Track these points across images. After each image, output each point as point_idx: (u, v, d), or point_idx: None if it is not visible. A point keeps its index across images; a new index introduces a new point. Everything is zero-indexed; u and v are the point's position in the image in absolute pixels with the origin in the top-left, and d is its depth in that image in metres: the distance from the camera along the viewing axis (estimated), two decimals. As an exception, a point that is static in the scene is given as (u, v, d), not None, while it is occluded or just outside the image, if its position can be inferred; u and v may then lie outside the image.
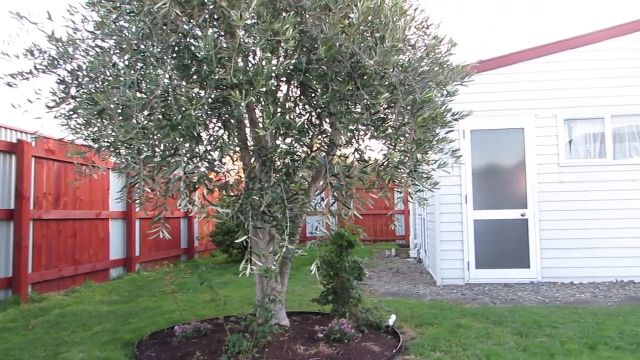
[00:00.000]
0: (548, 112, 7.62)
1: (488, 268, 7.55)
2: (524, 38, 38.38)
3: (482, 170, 7.71)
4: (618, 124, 7.59)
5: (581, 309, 5.59)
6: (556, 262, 7.45)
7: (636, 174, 7.44)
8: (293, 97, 4.41)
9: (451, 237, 7.62)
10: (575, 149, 7.70)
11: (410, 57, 4.01)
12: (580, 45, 7.68)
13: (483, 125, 7.66)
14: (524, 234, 7.52)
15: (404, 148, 4.00)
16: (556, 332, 4.61)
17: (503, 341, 4.39)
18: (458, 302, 6.16)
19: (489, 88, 7.68)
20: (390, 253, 11.90)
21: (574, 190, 7.51)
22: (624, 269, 7.34)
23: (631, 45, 7.58)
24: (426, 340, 4.40)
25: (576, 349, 4.13)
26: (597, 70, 7.61)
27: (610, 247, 7.38)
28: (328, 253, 4.85)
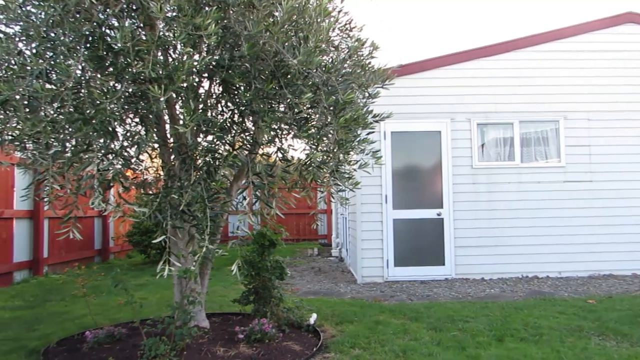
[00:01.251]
0: (463, 116, 8.00)
1: (406, 266, 7.81)
2: (444, 45, 40.13)
3: (401, 171, 7.96)
4: (526, 130, 8.11)
5: (491, 303, 5.91)
6: (469, 259, 7.84)
7: (541, 177, 7.99)
8: (215, 94, 4.32)
9: (371, 236, 7.80)
10: (488, 152, 8.15)
11: (333, 58, 4.06)
12: (492, 54, 8.13)
13: (403, 127, 7.91)
14: (440, 233, 7.85)
15: (327, 148, 4.04)
16: (468, 326, 4.85)
17: (419, 336, 4.55)
18: (377, 300, 6.31)
19: (409, 92, 7.94)
20: (312, 252, 11.99)
21: (485, 191, 7.94)
22: (529, 265, 7.86)
23: (536, 56, 8.12)
24: (346, 338, 4.48)
25: (485, 342, 4.36)
26: (507, 79, 8.09)
27: (517, 245, 7.87)
28: (250, 253, 4.80)
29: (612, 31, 8.22)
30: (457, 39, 35.90)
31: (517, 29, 39.46)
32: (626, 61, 8.14)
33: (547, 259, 7.87)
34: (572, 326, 4.80)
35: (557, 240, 7.89)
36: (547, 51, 8.15)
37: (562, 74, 8.10)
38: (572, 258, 7.88)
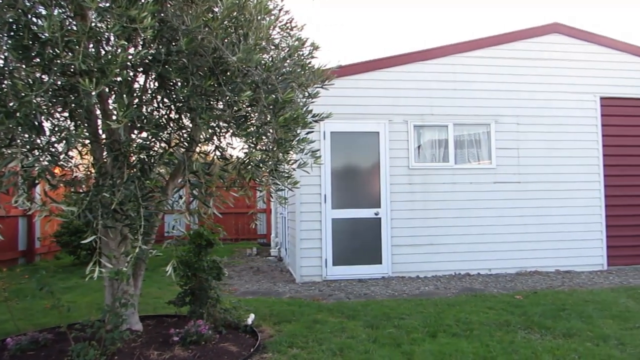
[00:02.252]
0: (401, 118, 8.19)
1: (345, 265, 7.89)
2: (383, 48, 40.91)
3: (340, 170, 8.04)
4: (460, 132, 8.41)
5: (425, 300, 6.08)
6: (405, 257, 8.03)
7: (473, 178, 8.31)
8: (151, 89, 4.19)
9: (310, 235, 7.83)
10: (424, 153, 8.38)
11: (273, 56, 4.04)
12: (429, 58, 8.38)
13: (343, 127, 7.99)
14: (377, 232, 7.99)
15: (266, 147, 4.02)
16: (403, 323, 4.96)
17: (356, 334, 4.61)
18: (315, 299, 6.34)
19: (348, 92, 8.03)
20: (251, 252, 11.88)
21: (421, 191, 8.16)
22: (462, 263, 8.16)
23: (470, 61, 8.44)
24: (284, 338, 4.47)
25: (420, 338, 4.49)
26: (443, 82, 8.36)
27: (450, 244, 8.15)
28: (186, 253, 4.69)
29: (540, 40, 8.67)
30: (396, 43, 36.69)
31: (452, 34, 40.87)
32: (552, 69, 8.61)
33: (478, 256, 8.19)
34: (501, 321, 5.02)
35: (488, 239, 8.23)
36: (481, 57, 8.49)
37: (494, 79, 8.46)
38: (502, 256, 8.25)
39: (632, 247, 8.65)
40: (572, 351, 4.10)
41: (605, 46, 8.82)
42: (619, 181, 8.66)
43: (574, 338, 4.46)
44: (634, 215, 8.70)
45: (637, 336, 4.48)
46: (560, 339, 4.44)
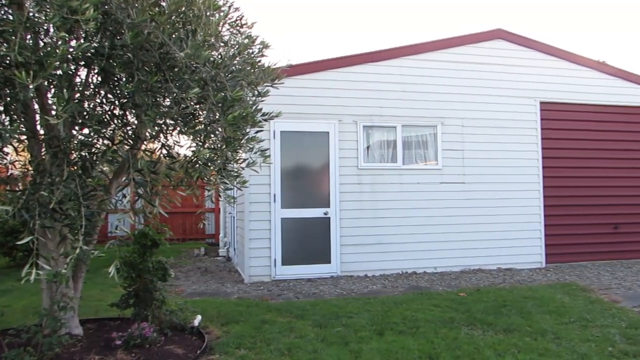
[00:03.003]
0: (350, 118, 8.26)
1: (294, 264, 7.88)
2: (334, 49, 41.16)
3: (290, 170, 8.03)
4: (408, 133, 8.57)
5: (373, 299, 6.16)
6: (354, 257, 8.11)
7: (420, 178, 8.49)
8: (93, 84, 4.03)
9: (259, 235, 7.77)
10: (373, 153, 8.48)
11: (222, 54, 3.97)
12: (379, 60, 8.49)
13: (293, 127, 7.98)
14: (326, 232, 8.03)
15: (214, 146, 3.95)
16: (351, 322, 5.00)
17: (304, 333, 4.61)
18: (264, 299, 6.30)
19: (299, 92, 8.03)
20: (199, 252, 11.68)
21: (369, 191, 8.26)
22: (408, 262, 8.32)
23: (419, 64, 8.62)
24: (231, 339, 4.41)
25: (367, 336, 4.54)
26: (392, 84, 8.49)
27: (398, 243, 8.29)
28: (130, 254, 4.54)
29: (484, 45, 8.97)
30: (346, 45, 37.01)
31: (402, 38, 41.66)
32: (495, 73, 8.92)
33: (424, 255, 8.38)
34: (445, 318, 5.15)
35: (434, 238, 8.44)
36: (428, 60, 8.69)
37: (441, 82, 8.67)
38: (447, 254, 8.47)
39: (568, 245, 9.08)
40: (512, 346, 4.25)
41: (545, 53, 9.22)
42: (556, 183, 9.08)
43: (514, 333, 4.63)
44: (569, 215, 9.15)
45: (572, 330, 4.70)
46: (501, 335, 4.60)
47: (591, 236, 9.24)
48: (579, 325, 4.89)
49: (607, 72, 9.53)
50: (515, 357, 3.99)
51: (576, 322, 4.97)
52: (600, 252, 9.25)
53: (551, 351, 4.13)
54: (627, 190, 9.46)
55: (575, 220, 9.18)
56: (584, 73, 9.37)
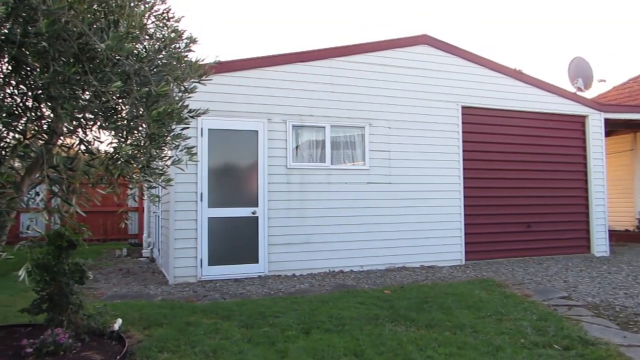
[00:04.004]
0: (280, 117, 8.24)
1: (221, 264, 7.75)
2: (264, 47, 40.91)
3: (218, 168, 7.89)
4: (336, 134, 8.68)
5: (300, 298, 6.18)
6: (282, 256, 8.10)
7: (348, 178, 8.62)
8: (3, 73, 3.74)
9: (185, 234, 7.58)
10: (302, 153, 8.52)
11: (147, 47, 3.82)
12: (310, 60, 8.53)
13: (221, 125, 7.85)
14: (254, 231, 7.97)
15: (137, 142, 3.80)
16: (278, 321, 4.99)
17: (231, 335, 4.54)
18: (189, 300, 6.15)
19: (228, 89, 7.91)
20: (121, 253, 11.21)
21: (298, 190, 8.28)
22: (336, 260, 8.42)
23: (348, 66, 8.75)
24: (154, 342, 4.27)
25: (294, 335, 4.55)
26: (322, 84, 8.57)
27: (326, 242, 8.38)
28: (44, 255, 4.27)
29: (411, 50, 9.25)
30: (276, 44, 36.92)
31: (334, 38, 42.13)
32: (420, 77, 9.24)
33: (351, 254, 8.52)
34: (371, 315, 5.26)
35: (361, 237, 8.60)
36: (358, 62, 8.84)
37: (369, 84, 8.86)
38: (373, 253, 8.66)
39: (485, 243, 9.57)
40: (433, 340, 4.42)
41: (467, 59, 9.66)
42: (475, 184, 9.54)
43: (435, 328, 4.81)
44: (487, 215, 9.64)
45: (488, 324, 4.95)
46: (423, 330, 4.76)
47: (506, 234, 9.79)
48: (495, 319, 5.16)
49: (523, 80, 10.13)
50: (436, 351, 4.14)
51: (492, 316, 5.24)
52: (515, 250, 9.83)
53: (469, 344, 4.33)
54: (539, 192, 10.11)
55: (492, 220, 9.69)
56: (502, 80, 9.91)
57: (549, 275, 7.91)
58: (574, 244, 10.41)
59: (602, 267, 8.75)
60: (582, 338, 4.48)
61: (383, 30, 39.80)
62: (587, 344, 4.33)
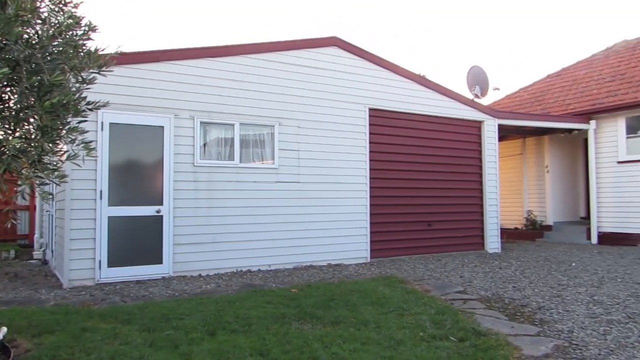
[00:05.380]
0: (187, 113, 8.00)
1: (122, 266, 7.38)
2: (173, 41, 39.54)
3: (120, 165, 7.50)
4: (245, 132, 8.58)
5: (206, 299, 6.04)
6: (188, 256, 7.87)
7: (257, 177, 8.56)
8: None
9: (82, 234, 7.12)
10: (209, 151, 8.33)
11: (40, 32, 3.55)
12: (220, 55, 8.36)
13: (124, 119, 7.47)
14: (159, 230, 7.67)
15: (27, 135, 3.51)
16: (183, 324, 4.84)
17: (131, 339, 4.33)
18: (86, 305, 5.79)
19: (133, 82, 7.55)
20: (8, 255, 10.32)
21: (205, 189, 8.09)
22: (244, 260, 8.33)
23: (259, 63, 8.68)
24: (45, 351, 3.97)
25: (199, 337, 4.43)
26: (232, 81, 8.43)
27: (233, 241, 8.26)
28: None
29: (321, 51, 9.37)
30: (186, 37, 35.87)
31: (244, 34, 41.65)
32: (330, 78, 9.38)
33: (259, 253, 8.47)
34: (277, 314, 5.26)
35: (269, 236, 8.58)
36: (268, 60, 8.80)
37: (280, 83, 8.85)
38: (281, 252, 8.67)
39: (389, 241, 9.93)
40: (338, 337, 4.50)
41: (374, 63, 9.96)
42: (381, 184, 9.87)
43: (341, 325, 4.90)
44: (391, 214, 10.01)
45: (391, 319, 5.13)
46: (329, 327, 4.84)
47: (409, 233, 10.22)
48: (397, 314, 5.36)
49: (427, 85, 10.63)
50: (341, 347, 4.22)
51: (394, 312, 5.44)
52: (416, 247, 10.29)
53: (372, 339, 4.46)
54: (439, 192, 10.66)
55: (396, 219, 10.07)
56: (407, 85, 10.32)
57: (447, 271, 8.37)
58: (470, 242, 11.10)
59: (494, 262, 9.40)
60: (475, 329, 4.78)
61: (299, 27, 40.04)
62: (480, 335, 4.62)
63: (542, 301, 6.10)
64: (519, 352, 4.22)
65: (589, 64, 15.97)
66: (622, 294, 6.45)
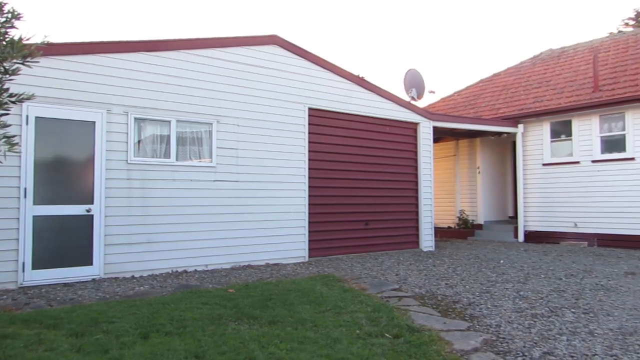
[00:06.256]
0: (121, 109, 7.71)
1: (48, 268, 7.01)
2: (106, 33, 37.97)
3: (48, 162, 7.12)
4: (182, 129, 8.38)
5: (139, 300, 5.84)
6: (120, 257, 7.58)
7: (194, 175, 8.37)
8: None
9: (4, 235, 6.70)
10: (144, 148, 8.06)
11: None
12: (156, 50, 8.11)
13: (53, 113, 7.10)
14: (89, 230, 7.34)
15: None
16: (113, 327, 4.66)
17: (57, 345, 4.12)
18: (7, 309, 5.46)
19: (62, 74, 7.19)
20: None
21: (140, 187, 7.83)
22: (179, 260, 8.13)
23: (197, 60, 8.50)
24: (-41, 360, 3.70)
25: (130, 341, 4.28)
26: (169, 77, 8.20)
27: (169, 241, 8.04)
28: None
29: (261, 49, 9.30)
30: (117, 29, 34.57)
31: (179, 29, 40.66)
32: (270, 77, 9.34)
33: (196, 253, 8.30)
34: (214, 315, 5.17)
35: (206, 236, 8.42)
36: (208, 57, 8.63)
37: (218, 80, 8.71)
38: (219, 252, 8.54)
39: (328, 240, 10.01)
40: (275, 337, 4.48)
41: (314, 63, 10.00)
42: (319, 183, 9.93)
43: (278, 324, 4.89)
44: (329, 213, 10.09)
45: (328, 318, 5.17)
46: (266, 327, 4.81)
47: (347, 232, 10.35)
48: (334, 312, 5.41)
49: (365, 86, 10.79)
50: (278, 347, 4.21)
51: (332, 310, 5.49)
52: (354, 246, 10.43)
53: (309, 338, 4.47)
54: (376, 192, 10.86)
55: (334, 218, 10.17)
56: (347, 85, 10.44)
57: (384, 269, 8.54)
58: (405, 240, 11.38)
59: (428, 260, 9.69)
60: (409, 326, 4.90)
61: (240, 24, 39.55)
62: (414, 331, 4.75)
63: (472, 297, 6.35)
64: (450, 347, 4.37)
65: (517, 70, 16.79)
66: (546, 289, 6.82)
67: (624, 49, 14.29)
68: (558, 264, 9.08)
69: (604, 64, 13.66)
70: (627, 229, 11.70)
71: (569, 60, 15.53)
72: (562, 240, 12.84)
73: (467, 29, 53.46)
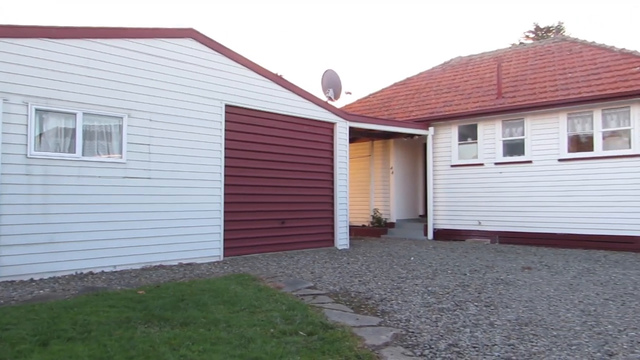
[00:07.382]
0: (20, 98, 7.15)
1: None
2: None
3: None
4: (90, 122, 7.92)
5: (38, 305, 5.46)
6: (17, 259, 7.04)
7: (102, 171, 7.93)
8: None
9: None
10: (47, 141, 7.54)
11: None
12: (60, 37, 7.59)
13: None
14: (-19, 230, 6.76)
15: None
16: (8, 335, 4.31)
17: (-60, 356, 3.75)
18: None
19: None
20: None
21: (41, 183, 7.31)
22: (85, 262, 7.69)
23: (106, 50, 8.07)
24: None
25: (27, 349, 3.98)
26: (75, 67, 7.72)
27: (74, 241, 7.58)
28: None
29: (176, 42, 9.00)
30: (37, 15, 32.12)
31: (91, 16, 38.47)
32: (186, 72, 9.07)
33: (104, 253, 7.89)
34: (122, 318, 4.94)
35: (115, 235, 8.03)
36: (118, 47, 8.22)
37: (130, 72, 8.33)
38: (128, 252, 8.17)
39: (243, 239, 9.91)
40: (187, 338, 4.36)
41: (232, 59, 9.84)
42: (235, 181, 9.80)
43: (190, 326, 4.76)
44: (245, 212, 9.99)
45: (242, 317, 5.12)
46: (177, 329, 4.67)
47: (262, 230, 10.30)
48: (248, 312, 5.36)
49: (284, 85, 10.79)
50: (190, 349, 4.10)
51: (246, 310, 5.43)
52: (270, 245, 10.41)
53: (223, 339, 4.40)
54: (293, 190, 10.90)
55: (250, 217, 10.08)
56: (265, 83, 10.38)
57: (299, 267, 8.59)
58: (321, 239, 11.53)
59: (343, 258, 9.88)
60: (323, 323, 4.97)
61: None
62: (327, 328, 4.81)
63: (384, 293, 6.56)
64: (362, 342, 4.48)
65: (429, 75, 17.57)
66: (452, 284, 7.19)
67: (524, 59, 15.40)
68: (463, 260, 9.60)
69: (506, 73, 14.64)
70: (524, 226, 12.62)
71: (475, 67, 16.47)
72: (468, 237, 13.60)
73: (383, 33, 55.12)
